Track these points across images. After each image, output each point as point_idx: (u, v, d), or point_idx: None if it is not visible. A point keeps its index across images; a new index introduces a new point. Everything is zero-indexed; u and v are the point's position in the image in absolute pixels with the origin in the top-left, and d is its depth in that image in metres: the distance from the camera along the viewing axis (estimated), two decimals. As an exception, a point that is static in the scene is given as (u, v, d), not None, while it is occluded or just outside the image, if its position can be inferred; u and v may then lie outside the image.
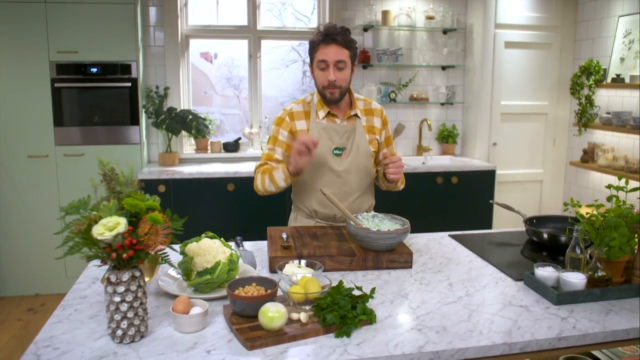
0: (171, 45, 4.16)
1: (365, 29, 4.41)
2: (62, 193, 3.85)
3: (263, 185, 2.16)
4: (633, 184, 1.74)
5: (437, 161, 4.52)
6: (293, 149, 2.00)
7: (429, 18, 4.46)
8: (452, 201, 4.13)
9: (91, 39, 3.75)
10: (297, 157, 1.99)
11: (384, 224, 1.99)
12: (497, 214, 4.27)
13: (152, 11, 4.12)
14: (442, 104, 4.66)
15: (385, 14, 4.34)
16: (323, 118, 2.19)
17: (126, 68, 3.85)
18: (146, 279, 1.68)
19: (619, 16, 3.97)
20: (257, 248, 2.09)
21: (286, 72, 4.69)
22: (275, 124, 2.24)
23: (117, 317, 1.27)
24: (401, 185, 2.34)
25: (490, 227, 4.17)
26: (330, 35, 2.07)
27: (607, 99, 4.15)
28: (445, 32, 4.54)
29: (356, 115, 2.23)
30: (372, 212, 2.12)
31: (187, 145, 4.39)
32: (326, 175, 2.19)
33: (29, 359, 1.22)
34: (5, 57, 3.67)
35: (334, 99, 2.14)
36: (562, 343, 1.38)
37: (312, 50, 2.14)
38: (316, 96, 2.23)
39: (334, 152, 2.19)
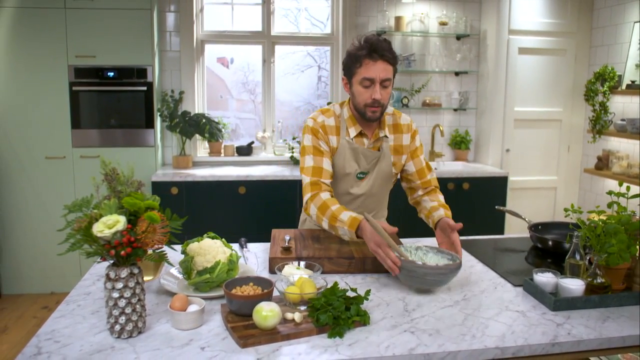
0: (187, 50, 4.24)
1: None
2: (78, 193, 3.94)
3: (318, 222, 1.95)
4: (634, 190, 1.73)
5: (449, 167, 4.51)
6: (378, 254, 1.71)
7: (442, 24, 4.47)
8: (464, 207, 4.11)
9: (109, 43, 3.85)
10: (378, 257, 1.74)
11: (429, 258, 1.79)
12: (509, 220, 4.24)
13: (169, 17, 4.20)
14: (455, 110, 4.65)
15: (398, 19, 4.36)
16: (353, 137, 2.07)
17: (142, 72, 3.93)
18: (149, 278, 1.73)
19: (635, 22, 3.93)
20: (262, 249, 2.12)
21: (301, 77, 4.73)
22: (312, 134, 2.05)
23: (116, 312, 1.31)
24: None
25: (502, 234, 4.14)
26: (378, 51, 1.90)
27: (622, 106, 4.10)
28: (458, 37, 4.54)
29: (385, 135, 2.11)
30: (415, 244, 1.87)
31: (200, 148, 4.46)
32: (343, 195, 2.13)
33: (30, 350, 1.27)
34: (25, 61, 3.78)
35: (376, 117, 2.00)
36: (555, 349, 1.38)
37: (355, 64, 1.94)
38: (347, 110, 2.09)
39: (358, 175, 2.10)
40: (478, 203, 4.13)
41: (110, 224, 1.26)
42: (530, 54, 4.34)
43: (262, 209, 3.86)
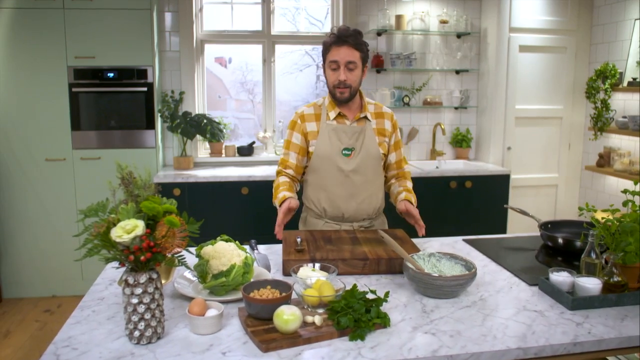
0: (186, 50, 4.21)
1: (379, 34, 4.42)
2: (78, 196, 3.91)
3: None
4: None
5: (450, 165, 4.51)
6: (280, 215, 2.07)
7: (443, 22, 4.46)
8: (466, 206, 4.12)
9: (108, 44, 3.81)
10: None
11: (442, 265, 1.76)
12: (512, 218, 4.24)
13: (168, 17, 4.17)
14: (456, 108, 4.65)
15: (398, 18, 4.35)
16: (333, 119, 2.25)
17: (142, 73, 3.90)
18: (162, 282, 1.70)
19: (635, 19, 3.94)
20: (272, 251, 2.11)
21: (300, 76, 4.71)
22: (289, 128, 2.32)
23: (135, 318, 1.29)
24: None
25: (504, 232, 4.15)
26: (342, 37, 2.15)
27: (623, 103, 4.11)
28: (459, 36, 4.53)
29: (366, 117, 2.27)
30: (428, 251, 1.85)
31: (201, 149, 4.43)
32: (334, 174, 2.24)
33: (49, 358, 1.25)
34: (25, 62, 3.74)
35: (344, 98, 2.20)
36: (577, 348, 1.38)
37: (325, 52, 2.21)
38: (327, 98, 2.30)
39: (343, 152, 2.23)
40: (480, 201, 4.13)
41: (128, 229, 1.25)
42: (531, 52, 4.34)
43: (265, 209, 3.83)
